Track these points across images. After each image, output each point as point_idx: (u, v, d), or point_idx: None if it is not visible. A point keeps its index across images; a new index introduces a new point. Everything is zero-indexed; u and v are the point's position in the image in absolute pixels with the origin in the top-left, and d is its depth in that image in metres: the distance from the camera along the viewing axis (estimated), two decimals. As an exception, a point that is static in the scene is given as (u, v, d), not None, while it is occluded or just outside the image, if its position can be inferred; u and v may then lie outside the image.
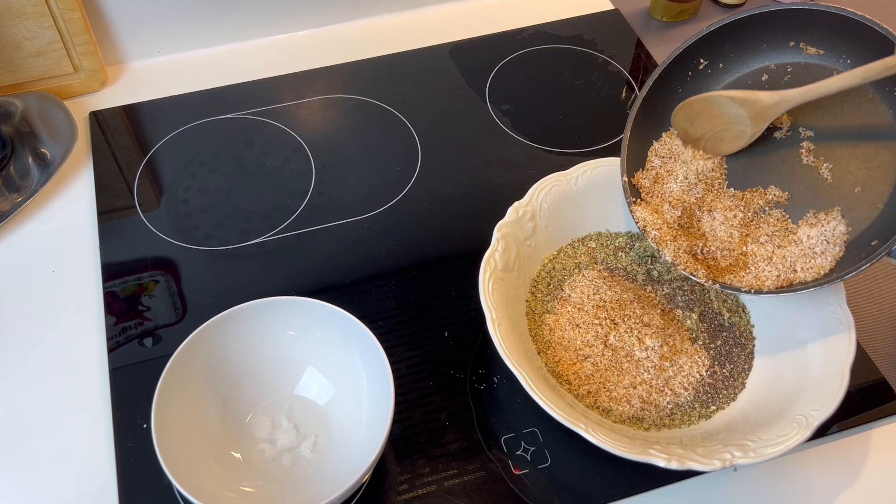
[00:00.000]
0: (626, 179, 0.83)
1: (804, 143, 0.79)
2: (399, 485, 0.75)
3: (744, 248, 0.79)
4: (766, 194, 0.80)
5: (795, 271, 0.76)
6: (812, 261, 0.75)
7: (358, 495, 0.74)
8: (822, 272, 0.75)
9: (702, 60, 0.83)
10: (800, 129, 0.80)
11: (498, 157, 1.03)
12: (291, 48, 1.17)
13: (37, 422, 0.79)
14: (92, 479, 0.76)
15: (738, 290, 0.77)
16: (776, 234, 0.78)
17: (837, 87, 0.72)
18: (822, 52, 0.78)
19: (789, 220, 0.79)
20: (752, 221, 0.80)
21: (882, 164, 0.75)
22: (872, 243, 0.73)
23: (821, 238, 0.76)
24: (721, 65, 0.83)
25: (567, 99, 1.10)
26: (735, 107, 0.79)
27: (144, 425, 0.77)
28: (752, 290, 0.76)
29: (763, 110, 0.77)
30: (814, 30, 0.78)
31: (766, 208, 0.80)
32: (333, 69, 1.13)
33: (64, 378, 0.82)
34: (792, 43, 0.80)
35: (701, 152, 0.83)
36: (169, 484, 0.72)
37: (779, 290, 0.75)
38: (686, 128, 0.83)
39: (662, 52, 1.14)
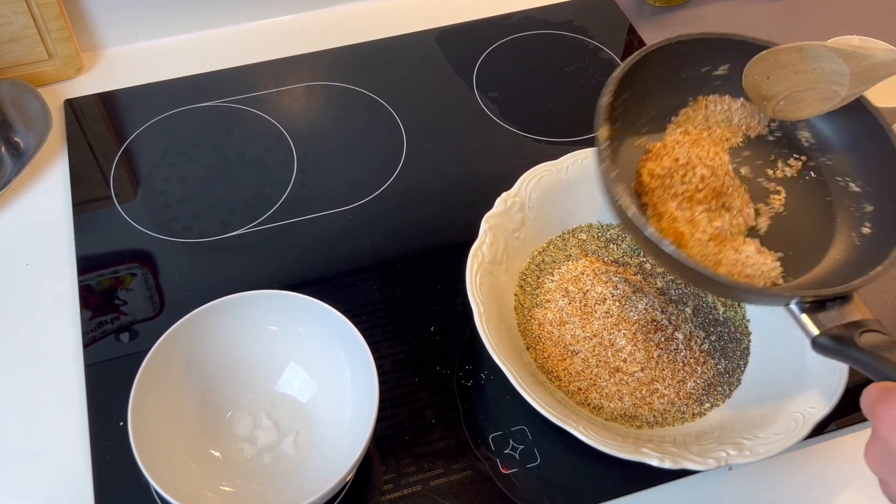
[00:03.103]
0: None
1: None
2: (383, 484, 0.74)
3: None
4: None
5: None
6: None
7: (341, 495, 0.73)
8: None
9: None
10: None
11: (485, 146, 1.02)
12: (273, 34, 1.16)
13: (9, 419, 0.79)
14: (67, 479, 0.75)
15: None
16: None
17: None
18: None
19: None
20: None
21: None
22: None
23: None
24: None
25: (557, 86, 1.10)
26: (836, 61, 0.70)
27: (121, 423, 0.77)
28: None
29: (872, 68, 0.70)
30: None
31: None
32: (316, 56, 1.13)
33: (38, 374, 0.82)
34: None
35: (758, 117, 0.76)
36: (146, 483, 0.70)
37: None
38: (758, 83, 0.75)
39: (655, 38, 1.13)
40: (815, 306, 0.64)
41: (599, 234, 0.88)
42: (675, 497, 0.74)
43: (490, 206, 0.82)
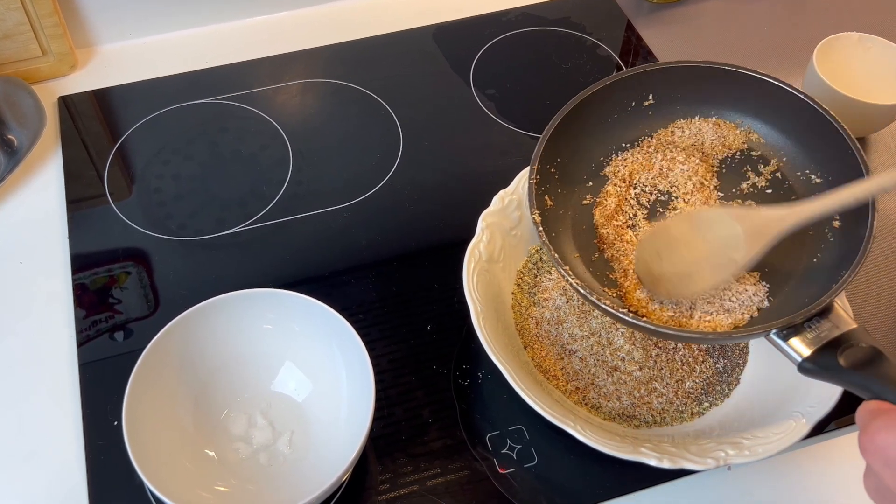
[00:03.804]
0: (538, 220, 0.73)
1: None
2: (380, 484, 0.74)
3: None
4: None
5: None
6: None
7: (337, 495, 0.73)
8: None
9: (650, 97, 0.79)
10: None
11: (483, 143, 1.02)
12: (268, 30, 1.16)
13: (2, 419, 0.78)
14: (61, 479, 0.75)
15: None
16: None
17: (860, 195, 0.64)
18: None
19: None
20: None
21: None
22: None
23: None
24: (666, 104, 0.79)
25: (554, 84, 1.09)
26: (729, 224, 0.68)
27: (115, 422, 0.76)
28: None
29: (764, 224, 0.67)
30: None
31: None
32: (312, 52, 1.12)
33: (32, 373, 0.81)
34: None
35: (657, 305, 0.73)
36: (141, 483, 0.71)
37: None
38: (650, 264, 0.72)
39: (653, 34, 1.13)
40: (793, 331, 0.63)
41: (597, 233, 0.87)
42: (674, 497, 0.74)
43: (487, 204, 0.82)
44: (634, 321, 0.67)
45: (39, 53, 1.05)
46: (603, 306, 0.67)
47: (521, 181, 0.83)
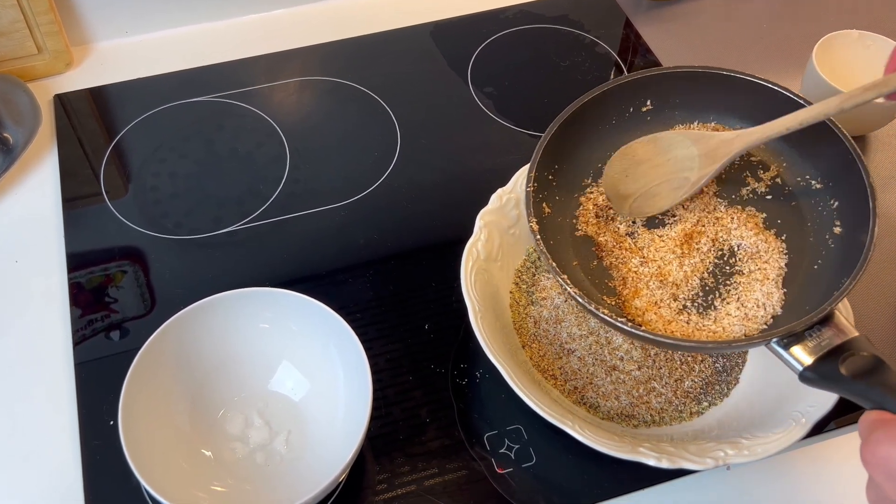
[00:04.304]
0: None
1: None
2: (377, 484, 0.74)
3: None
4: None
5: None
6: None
7: (334, 495, 0.73)
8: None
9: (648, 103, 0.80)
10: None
11: (480, 141, 1.02)
12: (265, 28, 1.16)
13: None
14: (57, 479, 0.75)
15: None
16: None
17: (798, 122, 0.68)
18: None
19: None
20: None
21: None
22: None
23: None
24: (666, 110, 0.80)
25: (553, 81, 1.09)
26: (687, 146, 0.72)
27: (111, 422, 0.76)
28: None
29: (717, 147, 0.71)
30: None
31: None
32: (309, 50, 1.12)
33: (27, 373, 0.81)
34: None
35: (624, 220, 0.77)
36: (137, 483, 0.71)
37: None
38: (617, 182, 0.76)
39: (652, 32, 1.13)
40: (794, 339, 0.62)
41: (596, 231, 0.87)
42: (673, 497, 0.74)
43: (485, 203, 0.81)
44: (633, 330, 0.67)
45: (35, 51, 1.05)
46: (601, 315, 0.67)
47: (519, 179, 0.83)
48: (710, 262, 0.74)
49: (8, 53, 1.03)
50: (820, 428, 0.71)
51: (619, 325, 0.66)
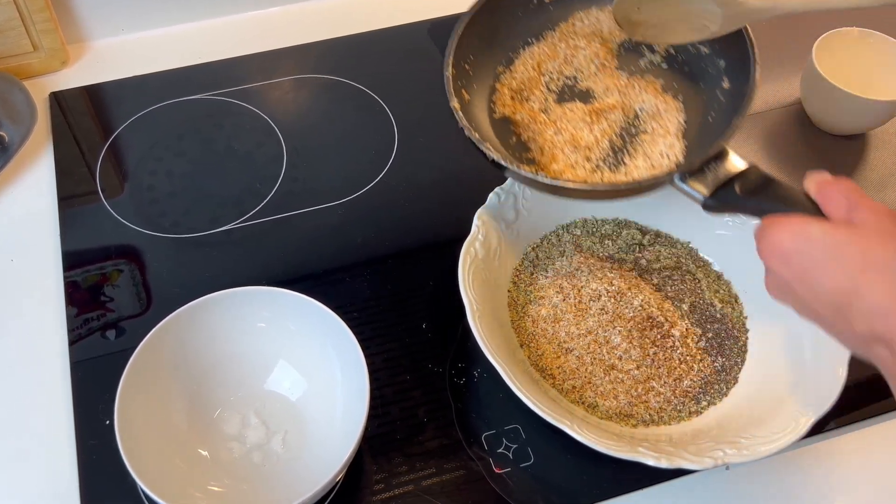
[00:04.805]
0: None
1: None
2: (374, 484, 0.74)
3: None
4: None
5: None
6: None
7: (331, 495, 0.73)
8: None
9: None
10: None
11: (478, 139, 1.01)
12: (262, 25, 1.16)
13: None
14: (53, 478, 0.74)
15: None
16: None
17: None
18: None
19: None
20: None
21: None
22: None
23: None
24: None
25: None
26: (711, 3, 0.74)
27: (107, 422, 0.76)
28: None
29: (745, 14, 0.74)
30: None
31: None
32: (306, 48, 1.12)
33: (23, 372, 0.81)
34: None
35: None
36: (133, 483, 0.70)
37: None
38: (629, 12, 0.80)
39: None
40: (695, 175, 0.68)
41: (594, 230, 0.88)
42: (672, 497, 0.74)
43: (483, 201, 0.81)
44: (553, 182, 0.71)
45: (31, 49, 1.05)
46: (523, 173, 0.71)
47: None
48: (617, 126, 0.80)
49: (3, 51, 1.03)
50: (819, 428, 0.71)
51: (540, 179, 0.71)
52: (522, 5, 0.84)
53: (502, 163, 0.72)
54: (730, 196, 0.67)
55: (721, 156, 0.68)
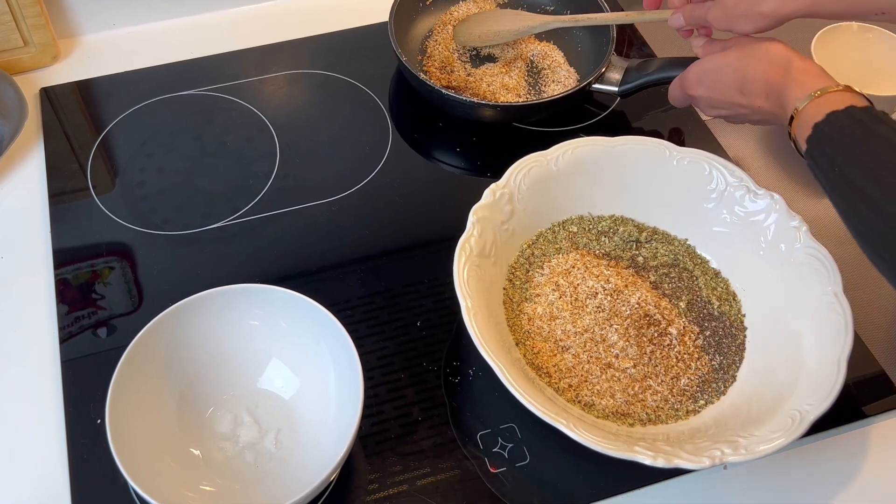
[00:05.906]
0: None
1: None
2: (368, 484, 0.74)
3: None
4: None
5: None
6: None
7: (325, 495, 0.73)
8: None
9: None
10: None
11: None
12: (255, 20, 1.15)
13: None
14: (43, 478, 0.74)
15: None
16: None
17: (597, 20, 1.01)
18: None
19: None
20: None
21: None
22: None
23: None
24: None
25: (545, 75, 1.08)
26: (517, 17, 1.05)
27: (98, 421, 0.76)
28: None
29: (546, 21, 1.03)
30: None
31: None
32: (299, 42, 1.12)
33: (13, 371, 0.81)
34: None
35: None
36: (125, 483, 0.69)
37: None
38: (465, 30, 1.07)
39: (648, 26, 1.12)
40: (602, 78, 0.99)
41: (590, 227, 0.87)
42: (669, 497, 0.74)
43: (478, 198, 0.81)
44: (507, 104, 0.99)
45: (21, 44, 1.04)
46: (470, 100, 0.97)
47: (513, 174, 0.83)
48: (524, 72, 1.05)
49: (-7, 46, 1.03)
50: (819, 426, 0.70)
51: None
52: (416, 8, 1.10)
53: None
54: (637, 77, 0.97)
55: (610, 63, 0.99)
